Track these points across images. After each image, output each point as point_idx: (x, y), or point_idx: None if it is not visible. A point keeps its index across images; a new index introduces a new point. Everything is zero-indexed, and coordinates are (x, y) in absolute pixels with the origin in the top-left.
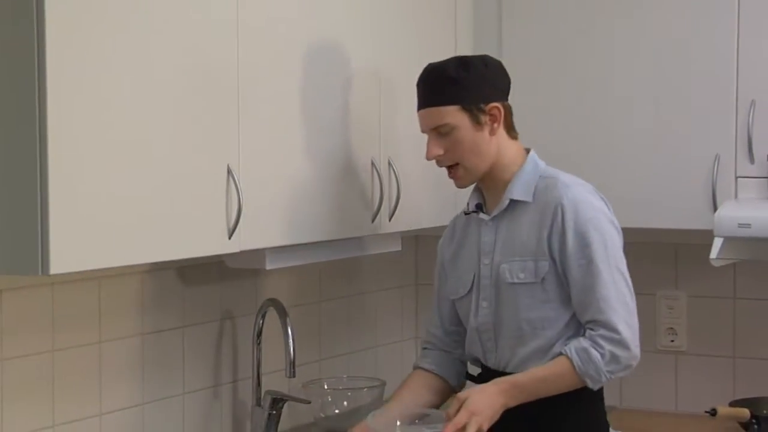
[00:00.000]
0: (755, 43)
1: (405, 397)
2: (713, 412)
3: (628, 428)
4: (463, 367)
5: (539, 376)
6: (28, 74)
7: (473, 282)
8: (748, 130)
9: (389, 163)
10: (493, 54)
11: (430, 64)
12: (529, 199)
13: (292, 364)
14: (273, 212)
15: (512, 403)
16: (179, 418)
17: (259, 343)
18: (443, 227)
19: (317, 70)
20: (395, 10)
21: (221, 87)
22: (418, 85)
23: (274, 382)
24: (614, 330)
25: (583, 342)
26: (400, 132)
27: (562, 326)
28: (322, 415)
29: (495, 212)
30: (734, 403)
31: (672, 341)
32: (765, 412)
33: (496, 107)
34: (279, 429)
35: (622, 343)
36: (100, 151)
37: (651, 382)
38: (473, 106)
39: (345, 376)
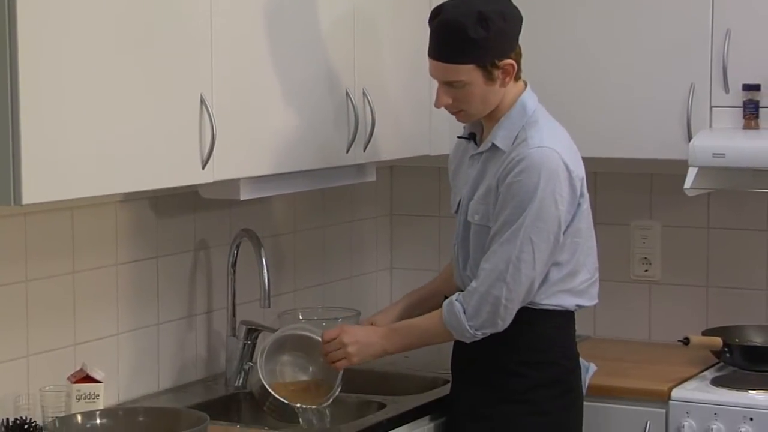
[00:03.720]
0: None
1: (430, 285)
2: (686, 341)
3: (602, 357)
4: None
5: (415, 323)
6: None
7: (459, 204)
8: (723, 59)
9: (364, 93)
10: None
11: (444, 11)
12: (506, 149)
13: (267, 295)
14: (247, 142)
15: (390, 348)
16: (154, 349)
17: (233, 274)
18: (418, 158)
19: None
20: None
21: (193, 15)
22: (432, 32)
23: (248, 312)
24: (481, 282)
25: (457, 294)
26: (374, 62)
27: None
28: None
29: (480, 149)
30: (707, 332)
31: (646, 271)
32: (737, 340)
33: (510, 64)
34: (253, 359)
35: (483, 296)
36: (71, 82)
37: (625, 311)
38: (488, 64)
39: (320, 306)
